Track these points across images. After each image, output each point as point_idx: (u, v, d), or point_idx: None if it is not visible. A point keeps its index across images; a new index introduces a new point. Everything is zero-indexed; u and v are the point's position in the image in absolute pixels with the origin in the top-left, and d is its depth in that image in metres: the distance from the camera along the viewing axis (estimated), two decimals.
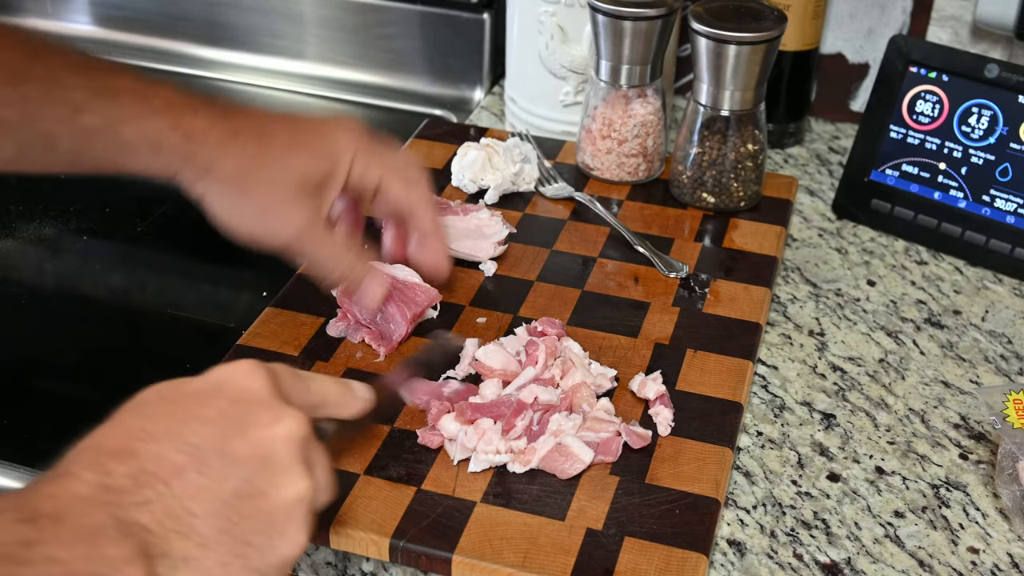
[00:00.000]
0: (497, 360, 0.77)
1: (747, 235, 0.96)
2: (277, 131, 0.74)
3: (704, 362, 0.81)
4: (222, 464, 0.51)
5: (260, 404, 0.54)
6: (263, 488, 0.52)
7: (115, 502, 0.48)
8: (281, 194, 0.74)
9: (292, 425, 0.54)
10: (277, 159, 0.73)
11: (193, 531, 0.49)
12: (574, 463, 0.71)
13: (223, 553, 0.50)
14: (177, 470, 0.50)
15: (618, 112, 0.99)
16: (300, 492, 0.53)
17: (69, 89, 0.69)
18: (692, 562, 0.65)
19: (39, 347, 0.93)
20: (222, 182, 0.72)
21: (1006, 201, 0.95)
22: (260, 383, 0.54)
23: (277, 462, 0.53)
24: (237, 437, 0.52)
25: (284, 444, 0.53)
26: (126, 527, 0.47)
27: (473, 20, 1.24)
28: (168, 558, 0.49)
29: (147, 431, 0.51)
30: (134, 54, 1.38)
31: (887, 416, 0.81)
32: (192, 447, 0.51)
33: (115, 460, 0.49)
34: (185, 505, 0.49)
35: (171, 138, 0.70)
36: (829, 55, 1.17)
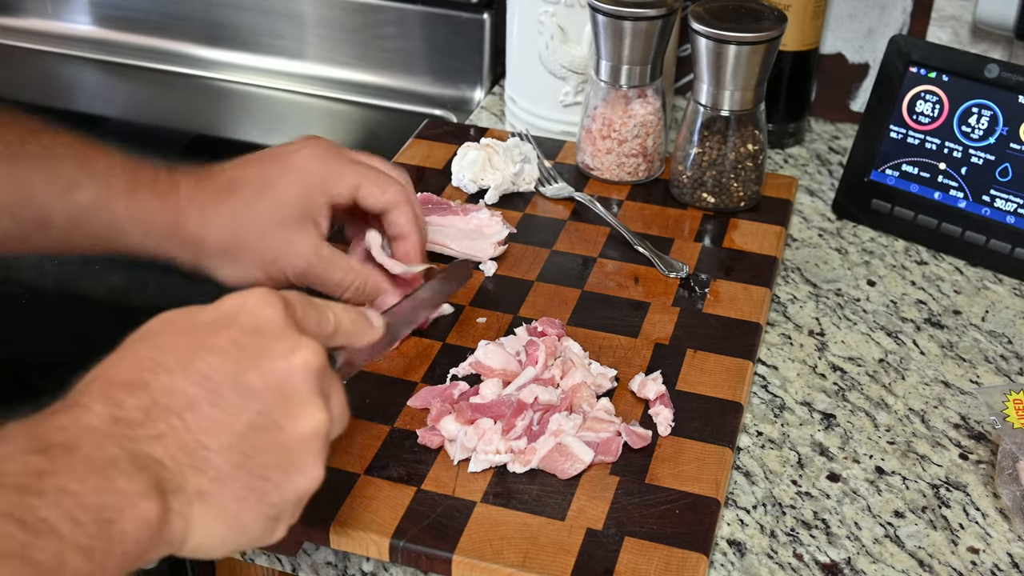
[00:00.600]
0: (497, 360, 0.77)
1: (747, 235, 0.96)
2: (245, 178, 0.76)
3: (704, 362, 0.81)
4: (236, 396, 0.50)
5: (275, 334, 0.52)
6: (279, 421, 0.51)
7: (127, 435, 0.47)
8: (275, 239, 0.75)
9: (308, 356, 0.52)
10: (257, 204, 0.75)
11: (207, 465, 0.48)
12: (574, 463, 0.71)
13: (238, 488, 0.49)
14: (190, 403, 0.49)
15: (618, 112, 0.99)
16: (317, 425, 0.52)
17: (64, 165, 0.71)
18: (692, 562, 0.65)
19: (39, 347, 0.92)
20: (219, 252, 0.75)
21: (1006, 201, 0.95)
22: (274, 312, 0.52)
23: (294, 394, 0.51)
24: (251, 368, 0.50)
25: (301, 376, 0.52)
26: (139, 460, 0.46)
27: (473, 20, 1.24)
28: (182, 492, 0.48)
29: (158, 362, 0.49)
30: (134, 54, 1.38)
31: (887, 416, 0.81)
32: (205, 379, 0.49)
33: (126, 392, 0.48)
34: (199, 439, 0.48)
35: (160, 214, 0.73)
36: (829, 55, 1.17)
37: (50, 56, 1.39)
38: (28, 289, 1.00)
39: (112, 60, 1.38)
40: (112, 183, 0.72)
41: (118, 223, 0.72)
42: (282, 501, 0.52)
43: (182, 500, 0.48)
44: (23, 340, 0.93)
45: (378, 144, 1.23)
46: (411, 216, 0.79)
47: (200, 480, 0.48)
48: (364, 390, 0.77)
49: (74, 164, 0.71)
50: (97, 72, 1.39)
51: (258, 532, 0.51)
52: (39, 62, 1.39)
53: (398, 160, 1.06)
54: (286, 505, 0.52)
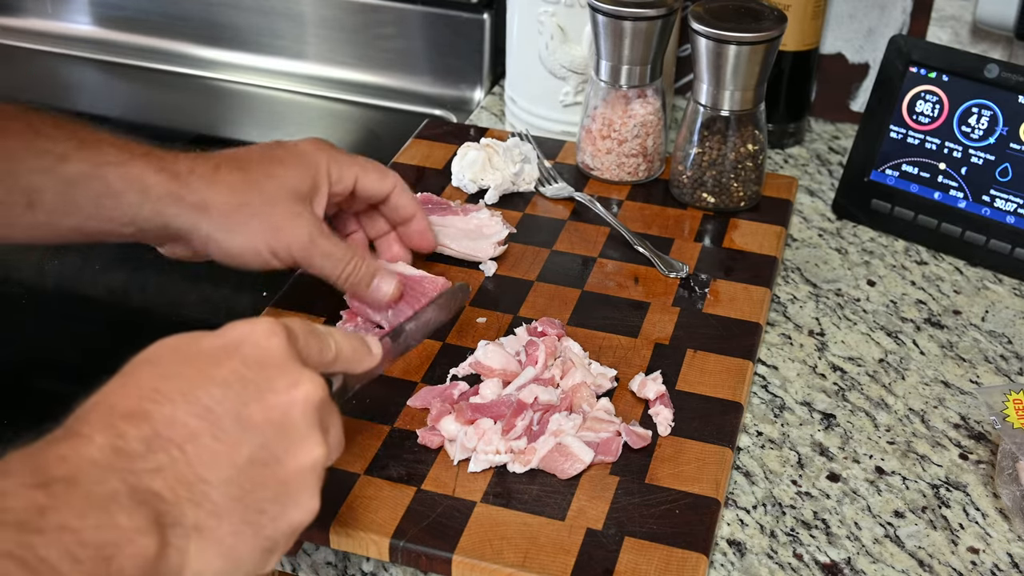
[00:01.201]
0: (497, 360, 0.77)
1: (747, 235, 0.96)
2: (252, 156, 0.77)
3: (704, 362, 0.81)
4: (238, 430, 0.50)
5: (277, 367, 0.52)
6: (279, 455, 0.51)
7: (128, 468, 0.47)
8: (281, 210, 0.76)
9: (310, 390, 0.52)
10: (264, 179, 0.75)
11: (206, 499, 0.48)
12: (574, 463, 0.71)
13: (235, 522, 0.50)
14: (192, 435, 0.48)
15: (618, 112, 0.99)
16: (315, 459, 0.52)
17: (52, 141, 0.70)
18: (692, 562, 0.65)
19: (39, 347, 0.93)
20: (223, 215, 0.74)
21: (1006, 201, 0.95)
22: (277, 343, 0.53)
23: (294, 429, 0.52)
24: (254, 402, 0.51)
25: (301, 410, 0.52)
26: (139, 495, 0.46)
27: (473, 20, 1.24)
28: (180, 527, 0.48)
29: (160, 392, 0.49)
30: (134, 54, 1.38)
31: (887, 416, 0.81)
32: (207, 411, 0.49)
33: (128, 423, 0.48)
34: (198, 472, 0.48)
35: (157, 179, 0.72)
36: (829, 55, 1.17)
37: (50, 56, 1.39)
38: (28, 289, 1.00)
39: (112, 60, 1.38)
40: (103, 154, 0.71)
41: (111, 191, 0.71)
42: (277, 534, 0.52)
43: (180, 534, 0.48)
44: (23, 340, 0.93)
45: (378, 144, 1.23)
46: (411, 197, 0.85)
47: (198, 514, 0.48)
48: (364, 390, 0.77)
49: (62, 138, 0.71)
50: (97, 72, 1.39)
51: (252, 565, 0.51)
52: (39, 62, 1.39)
53: (398, 160, 1.06)
54: (280, 538, 0.52)
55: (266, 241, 0.75)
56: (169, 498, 0.47)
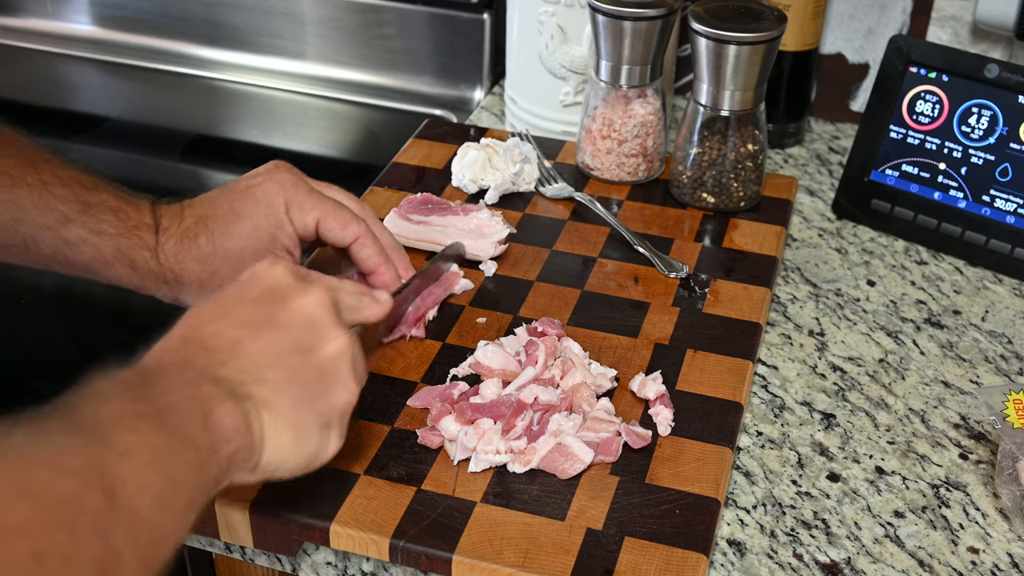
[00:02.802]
0: (497, 360, 0.77)
1: (747, 235, 0.96)
2: (215, 212, 0.79)
3: (704, 362, 0.81)
4: (271, 330, 0.60)
5: (288, 283, 0.63)
6: (310, 344, 0.61)
7: (197, 364, 0.57)
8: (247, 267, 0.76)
9: (319, 292, 0.63)
10: (227, 240, 0.78)
11: (266, 380, 0.59)
12: (574, 463, 0.71)
13: (293, 396, 0.60)
14: (236, 340, 0.59)
15: (618, 112, 0.99)
16: (340, 346, 0.62)
17: (58, 200, 0.75)
18: (692, 562, 0.65)
19: (39, 347, 0.92)
20: (197, 287, 0.78)
21: (1006, 201, 0.95)
22: (283, 269, 0.63)
23: (317, 323, 0.62)
24: (278, 310, 0.61)
25: (318, 308, 0.62)
26: (214, 377, 0.57)
27: (473, 20, 1.24)
28: (251, 400, 0.58)
29: (201, 319, 0.60)
30: (134, 54, 1.38)
31: (887, 416, 0.81)
32: (243, 321, 0.60)
33: (183, 343, 0.59)
34: (252, 361, 0.59)
35: (143, 256, 0.77)
36: (829, 55, 1.17)
37: (50, 56, 1.39)
38: (28, 289, 1.00)
39: (112, 60, 1.38)
40: (101, 224, 0.76)
41: (103, 259, 0.76)
42: (329, 409, 0.62)
43: (252, 405, 0.58)
44: (23, 340, 0.93)
45: (378, 144, 1.23)
46: (375, 249, 0.81)
47: (263, 390, 0.59)
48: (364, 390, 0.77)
49: (67, 201, 0.76)
50: (97, 72, 1.39)
51: (316, 437, 0.61)
52: (39, 62, 1.39)
53: (398, 160, 1.06)
54: (333, 414, 0.62)
55: None
56: (237, 379, 0.58)
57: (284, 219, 0.78)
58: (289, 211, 0.78)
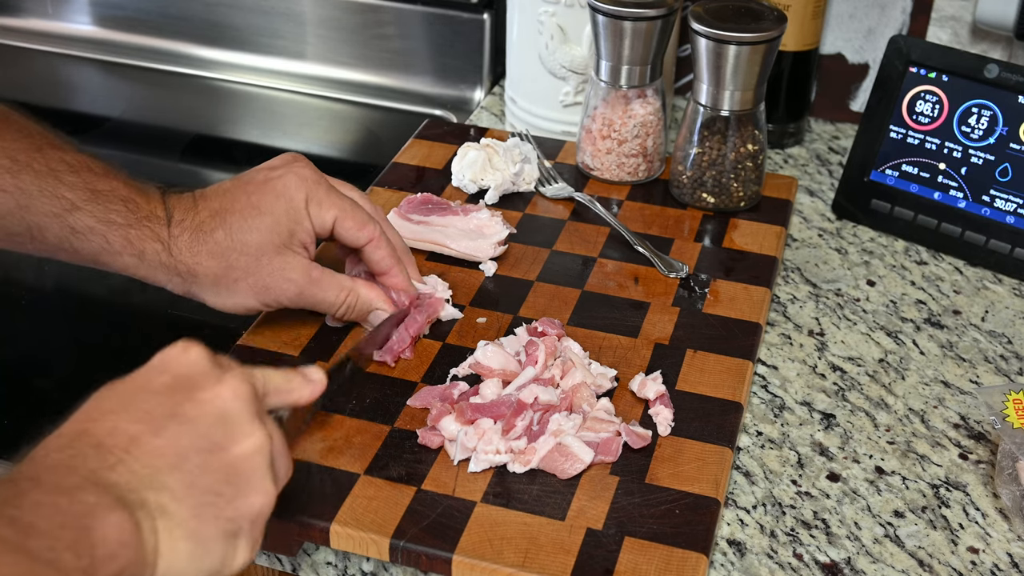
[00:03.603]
0: (497, 360, 0.77)
1: (747, 235, 0.96)
2: (235, 206, 0.77)
3: (704, 362, 0.81)
4: (176, 425, 0.54)
5: (202, 372, 0.56)
6: (221, 443, 0.55)
7: (84, 468, 0.51)
8: (267, 266, 0.77)
9: (236, 383, 0.56)
10: (246, 233, 0.76)
11: (163, 486, 0.52)
12: (574, 463, 0.71)
13: (194, 504, 0.53)
14: (133, 438, 0.53)
15: (618, 112, 0.99)
16: (257, 443, 0.56)
17: (65, 187, 0.73)
18: (692, 562, 0.65)
19: (39, 347, 0.93)
20: (211, 282, 0.77)
21: (1006, 201, 0.95)
22: (198, 355, 0.57)
23: (230, 418, 0.55)
24: (186, 401, 0.55)
25: (232, 400, 0.56)
26: (100, 483, 0.50)
27: (473, 20, 1.24)
28: (144, 508, 0.51)
29: (100, 410, 0.54)
30: (134, 54, 1.38)
31: (887, 416, 0.81)
32: (144, 414, 0.54)
33: (74, 439, 0.52)
34: (148, 464, 0.52)
35: (153, 248, 0.75)
36: (829, 55, 1.17)
37: (50, 56, 1.39)
38: (28, 289, 1.00)
39: (112, 60, 1.38)
40: (109, 214, 0.74)
41: (111, 249, 0.75)
42: (238, 516, 0.55)
43: (145, 514, 0.51)
44: (23, 340, 0.93)
45: (378, 144, 1.23)
46: (388, 251, 0.81)
47: (159, 498, 0.52)
48: (364, 390, 0.77)
49: (75, 188, 0.74)
50: (97, 72, 1.39)
51: (220, 549, 0.55)
52: (39, 62, 1.39)
53: (398, 160, 1.06)
54: (242, 522, 0.55)
55: (256, 297, 0.78)
56: (128, 486, 0.51)
57: (304, 214, 0.77)
58: (309, 207, 0.77)
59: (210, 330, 0.92)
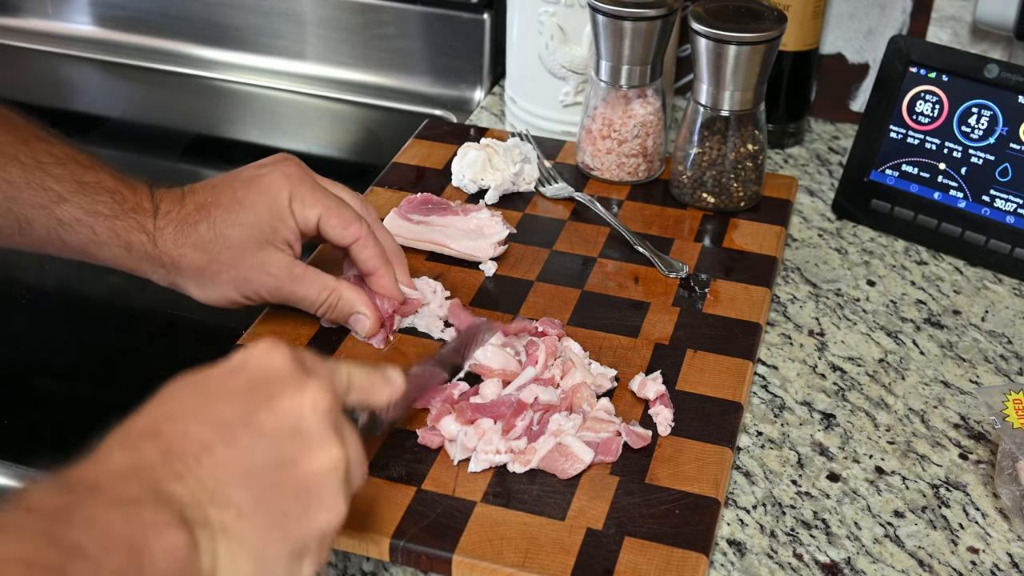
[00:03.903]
0: (497, 360, 0.77)
1: (747, 235, 0.96)
2: (220, 200, 0.77)
3: (704, 362, 0.81)
4: (250, 436, 0.51)
5: (283, 377, 0.53)
6: (294, 457, 0.52)
7: (148, 476, 0.48)
8: (249, 260, 0.77)
9: (317, 394, 0.53)
10: (229, 228, 0.77)
11: (228, 502, 0.49)
12: (574, 463, 0.71)
13: (260, 523, 0.50)
14: (205, 445, 0.50)
15: (618, 112, 0.99)
16: (333, 459, 0.53)
17: (52, 179, 0.74)
18: (692, 562, 0.65)
19: (39, 347, 0.93)
20: (194, 273, 0.77)
21: (1006, 201, 0.95)
22: (280, 357, 0.54)
23: (306, 431, 0.52)
24: (262, 409, 0.52)
25: (311, 413, 0.53)
26: (162, 497, 0.47)
27: (473, 20, 1.24)
28: (207, 527, 0.48)
29: (172, 411, 0.51)
30: (134, 54, 1.38)
31: (887, 416, 0.81)
32: (218, 422, 0.51)
33: (143, 440, 0.49)
34: (217, 477, 0.49)
35: (139, 239, 0.76)
36: (829, 55, 1.17)
37: (50, 56, 1.39)
38: (28, 289, 1.00)
39: (112, 60, 1.38)
40: (96, 205, 0.75)
41: (98, 240, 0.75)
42: (305, 536, 0.52)
43: (207, 534, 0.48)
44: (23, 340, 0.93)
45: (378, 144, 1.23)
46: (375, 251, 0.80)
47: (223, 516, 0.49)
48: None
49: (62, 180, 0.74)
50: (97, 72, 1.39)
51: (283, 570, 0.52)
52: (39, 62, 1.39)
53: (398, 160, 1.06)
54: (309, 541, 0.52)
55: (237, 290, 0.79)
56: (191, 501, 0.48)
57: (287, 212, 0.77)
58: (292, 204, 0.78)
59: (210, 330, 0.92)
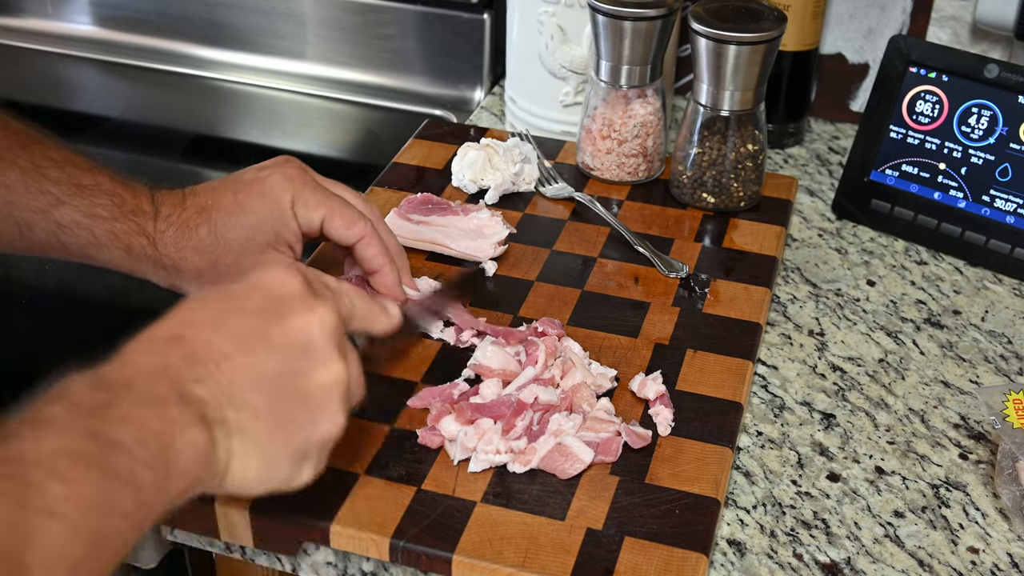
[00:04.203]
0: (497, 360, 0.77)
1: (747, 235, 0.96)
2: (220, 203, 0.78)
3: (704, 362, 0.81)
4: (264, 348, 0.56)
5: (295, 297, 0.59)
6: (302, 370, 0.57)
7: (175, 377, 0.53)
8: (249, 259, 0.77)
9: (324, 314, 0.59)
10: (230, 231, 0.77)
11: (244, 404, 0.55)
12: (574, 463, 0.71)
13: (270, 425, 0.56)
14: (224, 354, 0.55)
15: (618, 112, 0.99)
16: (335, 374, 0.59)
17: (50, 183, 0.74)
18: (692, 562, 0.65)
19: (39, 347, 0.92)
20: (195, 276, 0.78)
21: (1006, 201, 0.95)
22: (295, 280, 0.59)
23: (313, 347, 0.58)
24: (276, 325, 0.57)
25: (319, 331, 0.58)
26: (186, 397, 0.53)
27: (473, 20, 1.24)
28: (224, 427, 0.54)
29: (195, 320, 0.56)
30: (134, 54, 1.38)
31: (887, 416, 0.81)
32: (236, 334, 0.56)
33: (169, 344, 0.55)
34: (234, 382, 0.55)
35: (139, 242, 0.76)
36: (829, 55, 1.17)
37: (50, 56, 1.39)
38: (28, 289, 1.00)
39: (112, 60, 1.38)
40: (95, 208, 0.75)
41: (98, 243, 0.75)
42: (308, 441, 0.58)
43: (224, 433, 0.54)
44: (23, 340, 0.93)
45: (378, 144, 1.23)
46: (379, 250, 0.80)
47: (239, 416, 0.55)
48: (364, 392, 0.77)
49: (60, 183, 0.74)
50: (97, 72, 1.39)
51: (287, 469, 0.58)
52: (39, 62, 1.39)
53: (398, 160, 1.06)
54: (311, 446, 0.58)
55: None
56: (211, 402, 0.54)
57: (289, 215, 0.77)
58: (295, 207, 0.77)
59: None
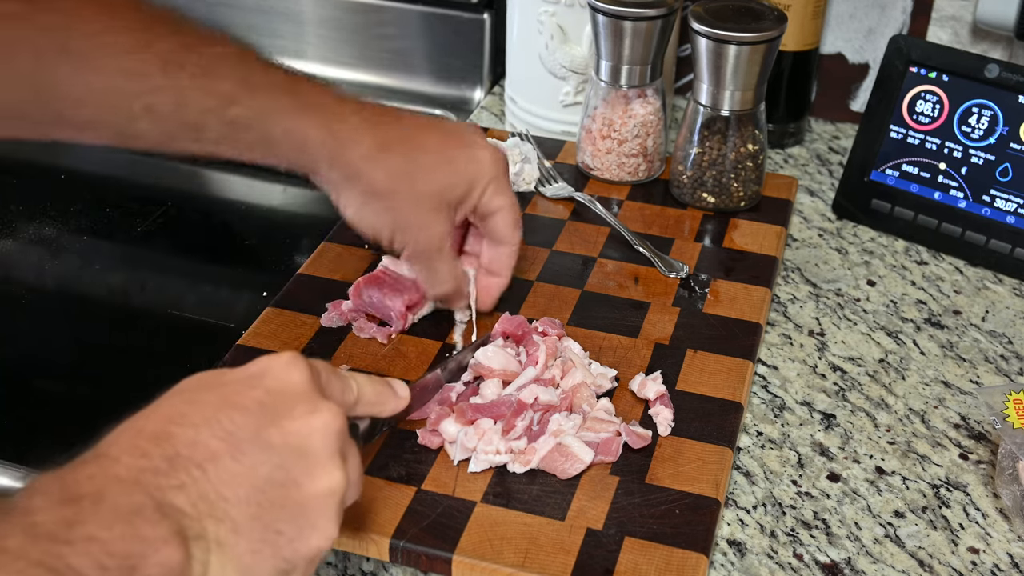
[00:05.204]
0: (497, 360, 0.77)
1: (747, 235, 0.96)
2: (426, 145, 0.76)
3: (704, 362, 0.81)
4: (257, 451, 0.51)
5: (298, 396, 0.54)
6: (297, 478, 0.52)
7: (152, 484, 0.48)
8: (424, 211, 0.77)
9: (328, 418, 0.54)
10: (424, 176, 0.76)
11: (226, 516, 0.50)
12: (574, 463, 0.71)
13: (254, 539, 0.51)
14: (212, 455, 0.50)
15: (618, 112, 0.99)
16: (334, 484, 0.53)
17: (221, 80, 0.70)
18: (692, 562, 0.65)
19: (39, 347, 0.93)
20: (369, 194, 0.75)
21: (1006, 201, 0.95)
22: (299, 375, 0.54)
23: (312, 453, 0.53)
24: (272, 426, 0.52)
25: (320, 436, 0.53)
26: (163, 508, 0.48)
27: (473, 20, 1.24)
28: (202, 540, 0.49)
29: (185, 416, 0.51)
30: None
31: (887, 416, 0.81)
32: (228, 433, 0.51)
33: (152, 443, 0.50)
34: (219, 490, 0.50)
35: (318, 136, 0.73)
36: (829, 55, 1.17)
37: None
38: (28, 289, 1.00)
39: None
40: (271, 101, 0.72)
41: (270, 140, 0.72)
42: (295, 556, 0.52)
43: (202, 548, 0.49)
44: (23, 340, 0.93)
45: None
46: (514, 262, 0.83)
47: (219, 529, 0.50)
48: None
49: (232, 80, 0.71)
50: None
51: None
52: None
53: None
54: (298, 561, 0.53)
55: (390, 230, 0.78)
56: (191, 513, 0.49)
57: (480, 191, 0.77)
58: (489, 186, 0.78)
59: (210, 330, 0.92)
